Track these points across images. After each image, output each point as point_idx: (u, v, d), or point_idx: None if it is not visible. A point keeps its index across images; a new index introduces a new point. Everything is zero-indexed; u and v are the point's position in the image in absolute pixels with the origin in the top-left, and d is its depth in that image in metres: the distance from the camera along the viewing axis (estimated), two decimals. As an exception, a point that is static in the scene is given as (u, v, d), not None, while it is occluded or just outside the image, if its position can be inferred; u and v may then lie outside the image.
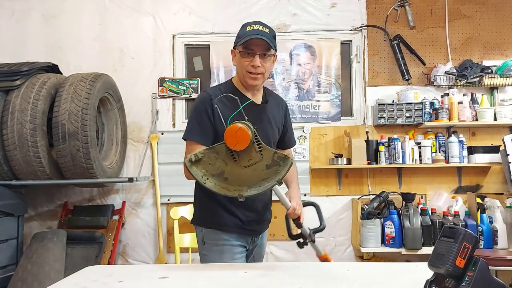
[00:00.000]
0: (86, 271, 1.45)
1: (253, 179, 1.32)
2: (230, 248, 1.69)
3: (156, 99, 3.27)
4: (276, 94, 1.96)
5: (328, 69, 3.30)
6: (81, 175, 2.72)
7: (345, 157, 3.15)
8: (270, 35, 1.63)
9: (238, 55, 1.67)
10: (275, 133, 1.78)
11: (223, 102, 1.61)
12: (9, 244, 2.72)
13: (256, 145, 1.29)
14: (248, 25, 1.66)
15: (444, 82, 3.18)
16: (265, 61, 1.65)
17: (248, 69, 1.64)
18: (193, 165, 1.33)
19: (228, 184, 1.34)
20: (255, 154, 1.29)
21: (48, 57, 3.22)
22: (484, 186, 3.21)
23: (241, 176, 1.33)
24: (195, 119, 1.67)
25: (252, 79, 1.66)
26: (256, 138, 1.28)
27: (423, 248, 2.81)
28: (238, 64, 1.69)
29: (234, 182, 1.34)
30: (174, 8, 3.33)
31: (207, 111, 1.64)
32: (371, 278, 1.34)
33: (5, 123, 2.61)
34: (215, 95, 1.65)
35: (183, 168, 1.61)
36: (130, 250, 3.20)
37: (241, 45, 1.63)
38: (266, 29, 1.64)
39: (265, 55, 1.64)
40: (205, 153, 1.32)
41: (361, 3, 3.31)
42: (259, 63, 1.63)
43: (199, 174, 1.33)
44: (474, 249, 0.96)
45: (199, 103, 1.68)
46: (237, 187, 1.34)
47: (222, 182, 1.34)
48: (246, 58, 1.64)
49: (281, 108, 1.84)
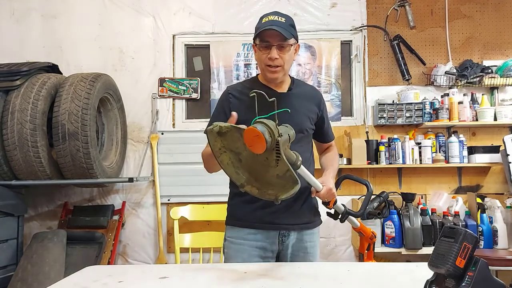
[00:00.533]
0: (86, 271, 1.45)
1: (263, 176, 1.28)
2: (246, 248, 1.62)
3: (156, 99, 3.27)
4: (311, 85, 1.87)
5: (328, 69, 3.30)
6: (81, 175, 2.72)
7: (345, 157, 3.15)
8: (286, 24, 1.57)
9: (257, 48, 1.61)
10: (303, 121, 1.66)
11: (239, 94, 1.64)
12: (9, 244, 2.72)
13: (275, 153, 1.20)
14: (264, 17, 1.60)
15: (444, 82, 3.18)
16: (283, 52, 1.57)
17: (266, 62, 1.58)
18: (213, 133, 1.26)
19: (240, 165, 1.30)
20: (272, 158, 1.22)
21: (48, 57, 3.22)
22: (484, 186, 3.21)
23: (253, 166, 1.28)
24: (213, 115, 1.73)
25: (271, 73, 1.60)
26: (277, 146, 1.19)
27: (423, 248, 2.81)
28: (258, 58, 1.63)
29: (245, 167, 1.30)
30: (174, 8, 3.33)
31: (223, 106, 1.67)
32: (371, 278, 1.33)
33: (5, 123, 2.61)
34: (233, 89, 1.69)
35: (202, 160, 1.63)
36: (130, 250, 3.20)
37: (257, 38, 1.58)
38: (282, 18, 1.58)
39: (282, 46, 1.56)
40: (230, 128, 1.24)
41: (361, 3, 3.31)
42: (276, 55, 1.56)
43: (217, 144, 1.28)
44: (474, 249, 0.96)
45: (219, 99, 1.73)
46: (246, 174, 1.30)
47: (236, 161, 1.30)
48: (263, 51, 1.58)
49: (314, 98, 1.73)
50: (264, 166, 1.25)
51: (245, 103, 1.62)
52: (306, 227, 1.68)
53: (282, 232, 1.63)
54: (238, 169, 1.31)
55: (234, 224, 1.67)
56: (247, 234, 1.63)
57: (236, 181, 1.31)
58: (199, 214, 2.96)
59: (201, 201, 3.07)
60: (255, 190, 1.30)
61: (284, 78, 1.67)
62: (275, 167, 1.22)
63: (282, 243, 1.64)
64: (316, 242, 1.73)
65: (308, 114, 1.68)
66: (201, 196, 3.09)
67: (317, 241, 1.74)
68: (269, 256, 1.64)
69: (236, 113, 1.39)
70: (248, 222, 1.63)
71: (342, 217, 1.66)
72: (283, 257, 1.66)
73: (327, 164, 1.74)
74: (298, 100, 1.67)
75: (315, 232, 1.73)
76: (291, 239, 1.65)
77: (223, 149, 1.29)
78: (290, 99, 1.66)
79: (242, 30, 3.28)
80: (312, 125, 1.71)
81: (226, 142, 1.27)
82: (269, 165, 1.23)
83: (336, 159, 1.82)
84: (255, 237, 1.62)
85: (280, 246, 1.65)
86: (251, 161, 1.27)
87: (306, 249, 1.68)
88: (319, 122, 1.75)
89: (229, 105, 1.65)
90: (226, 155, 1.30)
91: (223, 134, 1.26)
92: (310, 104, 1.71)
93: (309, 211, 1.70)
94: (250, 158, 1.26)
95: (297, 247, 1.66)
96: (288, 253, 1.66)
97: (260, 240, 1.62)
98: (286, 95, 1.67)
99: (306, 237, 1.68)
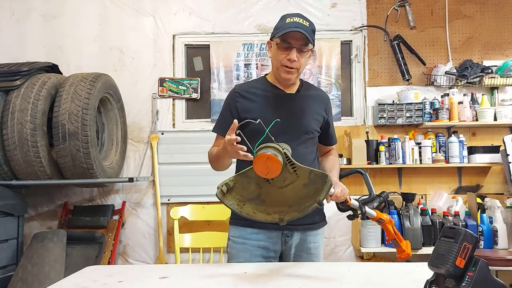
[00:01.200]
0: (86, 271, 1.45)
1: (293, 198, 1.24)
2: (248, 247, 1.61)
3: (156, 99, 3.27)
4: (320, 89, 1.89)
5: (328, 69, 3.29)
6: (81, 175, 2.72)
7: (345, 157, 3.15)
8: (309, 29, 1.56)
9: (275, 47, 1.60)
10: (309, 123, 1.66)
11: (247, 94, 1.64)
12: (9, 244, 2.72)
13: (289, 166, 1.18)
14: (288, 17, 1.59)
15: (444, 82, 3.18)
16: (302, 55, 1.57)
17: (284, 62, 1.57)
18: (226, 195, 1.23)
19: (266, 206, 1.26)
20: (289, 174, 1.19)
21: (48, 57, 3.22)
22: (484, 186, 3.21)
23: (279, 197, 1.24)
24: (221, 114, 1.72)
25: (286, 73, 1.59)
26: (288, 159, 1.17)
27: (423, 248, 2.81)
28: (274, 56, 1.62)
29: (272, 204, 1.26)
30: (174, 8, 3.33)
31: (230, 105, 1.67)
32: (371, 278, 1.33)
33: (5, 123, 2.61)
34: (240, 88, 1.69)
35: (208, 159, 1.63)
36: (130, 250, 3.20)
37: (278, 37, 1.56)
38: (306, 22, 1.57)
39: (302, 50, 1.57)
40: (236, 179, 1.22)
41: (361, 3, 3.31)
42: (296, 57, 1.55)
43: (234, 203, 1.24)
44: (474, 249, 0.96)
45: (226, 99, 1.73)
46: (277, 209, 1.26)
47: (260, 205, 1.26)
48: (283, 51, 1.57)
49: (322, 101, 1.74)
50: (289, 189, 1.22)
51: (253, 102, 1.62)
52: (310, 228, 1.67)
53: (285, 232, 1.62)
54: (267, 209, 1.27)
55: (237, 223, 1.66)
56: (250, 233, 1.62)
57: (272, 221, 1.27)
58: (199, 214, 2.96)
59: (201, 201, 3.06)
60: (295, 214, 1.26)
61: (295, 80, 1.68)
62: (297, 179, 1.19)
63: (285, 243, 1.63)
64: (320, 243, 1.72)
65: (315, 117, 1.68)
66: (201, 196, 3.09)
67: (321, 242, 1.73)
68: (271, 256, 1.63)
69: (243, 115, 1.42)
70: (251, 222, 1.61)
71: (362, 212, 1.58)
72: (286, 258, 1.65)
73: (330, 167, 1.74)
74: (306, 101, 1.68)
75: (319, 233, 1.72)
76: (294, 240, 1.64)
77: (241, 204, 1.26)
78: (298, 100, 1.67)
79: (242, 30, 3.29)
80: (318, 127, 1.70)
81: (239, 196, 1.25)
82: (292, 183, 1.20)
83: (337, 162, 1.83)
84: (258, 236, 1.62)
85: (283, 246, 1.64)
86: (274, 194, 1.24)
87: (310, 250, 1.67)
88: (324, 125, 1.75)
89: (236, 105, 1.64)
90: (247, 207, 1.26)
91: (232, 189, 1.23)
92: (318, 107, 1.71)
93: (313, 211, 1.70)
94: (272, 191, 1.23)
95: (300, 248, 1.65)
96: (291, 253, 1.65)
97: (263, 240, 1.62)
98: (295, 96, 1.67)
99: (310, 238, 1.67)
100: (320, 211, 1.72)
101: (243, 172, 1.20)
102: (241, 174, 1.21)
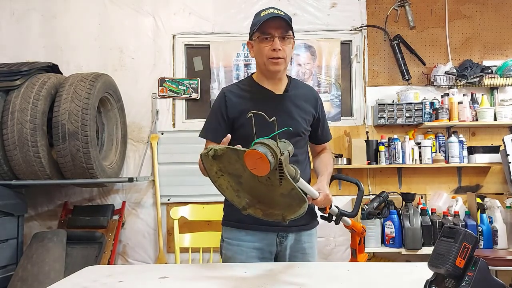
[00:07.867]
0: (86, 271, 1.45)
1: (265, 197, 1.23)
2: (243, 249, 1.61)
3: (156, 99, 3.27)
4: (308, 85, 1.83)
5: (328, 69, 3.30)
6: (81, 175, 2.72)
7: (345, 157, 3.15)
8: (287, 17, 1.55)
9: (257, 43, 1.58)
10: (299, 124, 1.63)
11: (237, 94, 1.62)
12: (9, 244, 2.72)
13: (277, 173, 1.14)
14: (262, 11, 1.59)
15: (444, 82, 3.18)
16: (285, 44, 1.55)
17: (269, 54, 1.54)
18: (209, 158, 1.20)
19: (240, 188, 1.25)
20: (274, 178, 1.16)
21: (48, 57, 3.22)
22: (484, 186, 3.21)
23: (255, 188, 1.23)
24: (209, 117, 1.68)
25: (274, 64, 1.56)
26: (280, 166, 1.13)
27: (423, 248, 2.81)
28: (257, 52, 1.59)
29: (247, 190, 1.25)
30: (174, 8, 3.33)
31: (220, 108, 1.63)
32: (371, 278, 1.34)
33: (5, 123, 2.61)
34: (228, 90, 1.65)
35: (198, 163, 1.47)
36: (130, 250, 3.20)
37: (257, 31, 1.54)
38: (281, 12, 1.56)
39: (284, 38, 1.54)
40: (226, 151, 1.19)
41: (361, 3, 3.31)
42: (279, 46, 1.52)
43: (214, 169, 1.23)
44: (474, 249, 0.96)
45: (214, 102, 1.70)
46: (248, 196, 1.26)
47: (236, 184, 1.25)
48: (266, 43, 1.54)
49: (311, 99, 1.70)
50: (266, 186, 1.20)
51: (242, 105, 1.59)
52: (303, 228, 1.67)
53: (281, 234, 1.62)
54: (239, 192, 1.26)
55: (231, 224, 1.66)
56: (245, 235, 1.62)
57: (238, 204, 1.27)
58: (199, 214, 2.96)
59: (201, 201, 3.07)
60: (259, 212, 1.26)
61: (283, 75, 1.65)
62: (278, 186, 1.17)
63: (281, 244, 1.63)
64: (314, 243, 1.72)
65: (304, 117, 1.66)
66: (201, 196, 3.09)
67: (315, 242, 1.74)
68: (267, 257, 1.63)
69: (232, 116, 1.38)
70: (245, 224, 1.61)
71: (336, 219, 1.64)
72: (281, 258, 1.65)
73: (322, 170, 1.69)
74: (294, 102, 1.65)
75: (313, 233, 1.73)
76: (289, 240, 1.64)
77: (220, 173, 1.24)
78: (286, 101, 1.63)
79: (242, 30, 3.28)
80: (308, 126, 1.68)
81: (223, 165, 1.23)
82: (272, 185, 1.18)
83: (331, 162, 1.77)
84: (253, 238, 1.61)
85: (278, 247, 1.64)
86: (252, 183, 1.22)
87: (305, 250, 1.68)
88: (315, 123, 1.72)
89: (226, 106, 1.62)
90: (224, 179, 1.25)
91: (218, 157, 1.21)
92: (307, 105, 1.68)
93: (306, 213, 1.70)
94: (251, 179, 1.21)
95: (295, 248, 1.66)
96: (287, 254, 1.65)
97: (258, 241, 1.62)
98: (282, 97, 1.64)
99: (304, 238, 1.68)
100: (313, 212, 1.72)
101: (236, 149, 1.17)
102: (233, 150, 1.18)
